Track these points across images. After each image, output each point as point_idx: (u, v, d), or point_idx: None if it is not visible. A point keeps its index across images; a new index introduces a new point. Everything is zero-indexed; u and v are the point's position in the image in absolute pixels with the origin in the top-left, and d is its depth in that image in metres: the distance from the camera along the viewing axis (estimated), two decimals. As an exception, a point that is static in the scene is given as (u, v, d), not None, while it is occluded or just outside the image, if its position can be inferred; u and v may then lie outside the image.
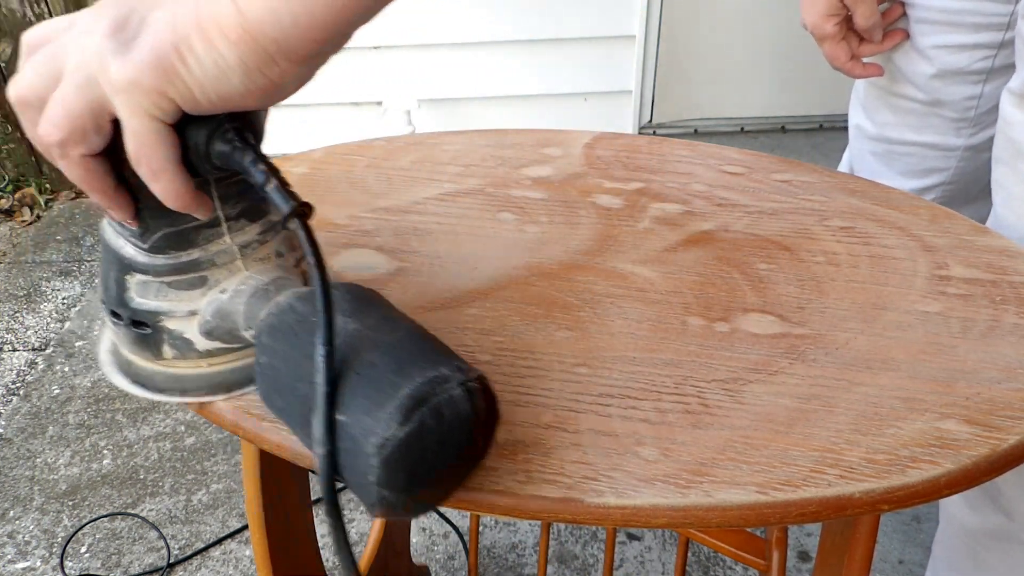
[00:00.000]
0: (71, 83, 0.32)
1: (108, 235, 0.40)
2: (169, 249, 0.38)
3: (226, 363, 0.41)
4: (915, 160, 0.82)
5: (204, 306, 0.39)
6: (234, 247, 0.39)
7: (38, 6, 1.86)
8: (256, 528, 0.57)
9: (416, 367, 0.31)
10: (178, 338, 0.40)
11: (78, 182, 0.34)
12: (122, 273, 0.39)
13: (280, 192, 0.33)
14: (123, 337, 0.41)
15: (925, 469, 0.37)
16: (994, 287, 0.49)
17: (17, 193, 2.05)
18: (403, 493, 0.31)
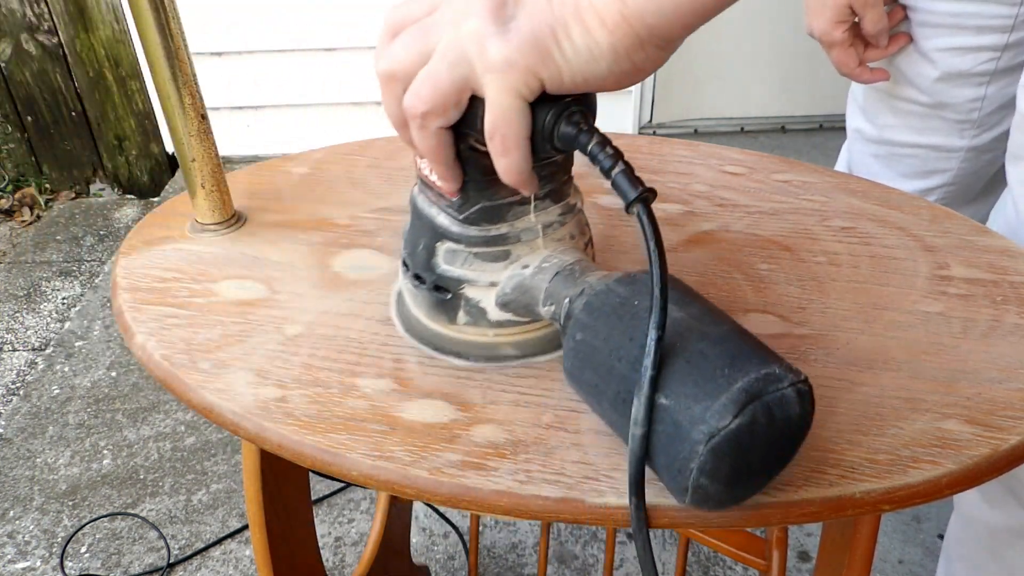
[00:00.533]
0: (443, 60, 0.34)
1: (421, 203, 0.43)
2: (482, 222, 0.41)
3: (510, 336, 0.44)
4: (917, 162, 0.82)
5: (505, 279, 0.42)
6: (538, 226, 0.42)
7: (38, 6, 1.86)
8: (256, 528, 0.57)
9: (749, 362, 0.32)
10: (475, 306, 0.42)
11: (428, 151, 0.37)
12: (433, 240, 0.42)
13: (627, 177, 0.34)
14: (421, 300, 0.44)
15: (926, 469, 0.37)
16: (995, 287, 0.49)
17: (17, 193, 2.05)
18: (722, 485, 0.32)
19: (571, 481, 0.37)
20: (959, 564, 0.83)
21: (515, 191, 0.39)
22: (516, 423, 0.40)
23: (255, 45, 1.90)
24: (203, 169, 0.53)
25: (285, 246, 0.54)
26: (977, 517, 0.76)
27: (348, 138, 0.68)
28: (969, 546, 0.80)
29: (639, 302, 0.34)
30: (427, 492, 0.37)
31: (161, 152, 2.07)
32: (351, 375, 0.43)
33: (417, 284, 0.43)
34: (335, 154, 0.66)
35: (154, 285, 0.50)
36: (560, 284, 0.40)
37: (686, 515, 0.36)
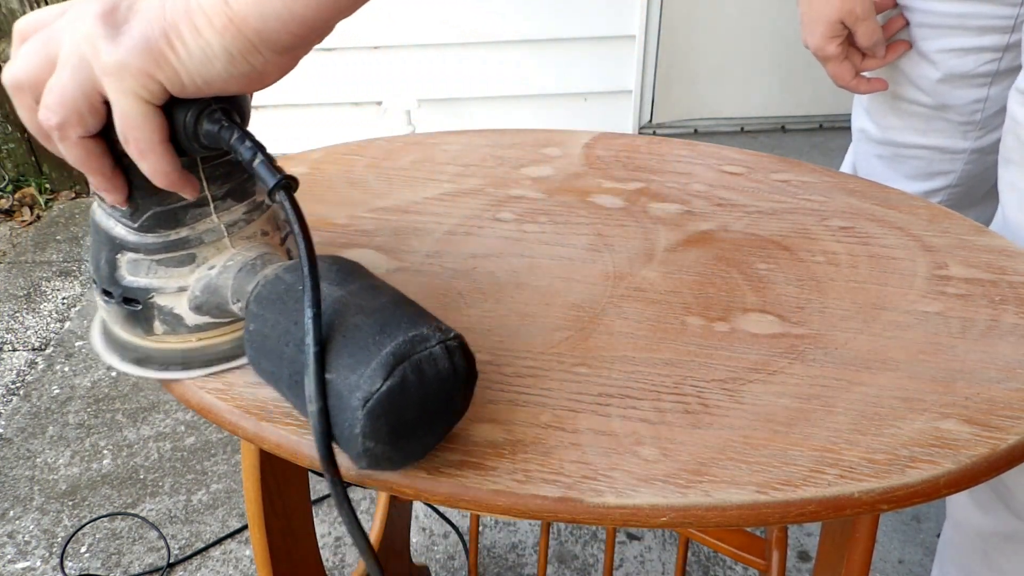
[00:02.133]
0: (65, 67, 0.34)
1: (98, 217, 0.41)
2: (158, 228, 0.40)
3: (215, 337, 0.43)
4: (922, 163, 0.81)
5: (193, 282, 0.41)
6: (221, 226, 0.41)
7: (38, 6, 1.86)
8: (256, 528, 0.57)
9: (398, 327, 0.34)
10: (168, 314, 0.41)
11: (77, 163, 0.36)
12: (113, 252, 0.41)
13: (266, 166, 0.35)
14: (115, 315, 0.43)
15: (924, 469, 0.37)
16: (993, 287, 0.49)
17: (17, 193, 2.05)
18: (386, 444, 0.33)
19: (569, 481, 0.37)
20: (950, 568, 0.84)
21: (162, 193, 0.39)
22: (514, 423, 0.40)
23: (255, 45, 1.90)
24: (202, 169, 0.53)
25: (284, 246, 0.54)
26: (969, 522, 0.77)
27: (347, 138, 0.69)
28: (961, 551, 0.81)
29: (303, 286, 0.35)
30: (426, 492, 0.38)
31: (161, 152, 2.08)
32: (350, 375, 0.43)
33: (107, 300, 0.42)
34: (333, 154, 0.66)
35: (153, 285, 0.50)
36: (243, 279, 0.40)
37: (684, 515, 0.36)
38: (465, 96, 2.00)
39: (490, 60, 1.94)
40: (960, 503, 0.77)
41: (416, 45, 1.91)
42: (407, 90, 1.95)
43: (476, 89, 1.98)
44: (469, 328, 0.47)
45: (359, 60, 1.92)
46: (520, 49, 1.94)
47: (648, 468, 0.37)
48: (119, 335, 0.44)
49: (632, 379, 0.43)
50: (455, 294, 0.49)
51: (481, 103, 2.02)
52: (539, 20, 1.89)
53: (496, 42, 1.91)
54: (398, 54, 1.92)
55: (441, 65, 1.94)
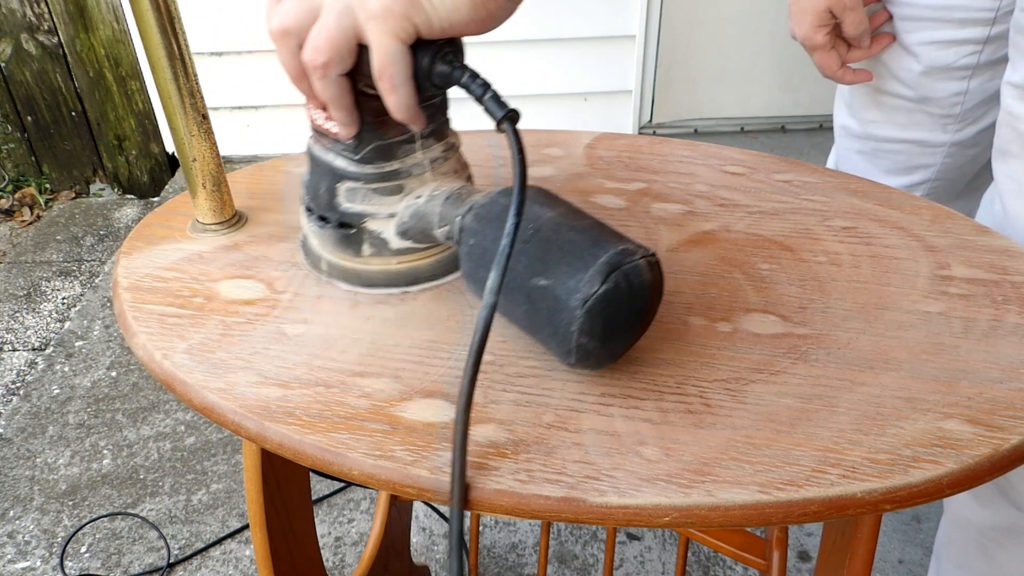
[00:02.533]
0: (331, 14, 0.39)
1: (317, 151, 0.48)
2: (376, 160, 0.46)
3: (413, 261, 0.49)
4: (902, 157, 0.82)
5: (402, 209, 0.47)
6: (425, 161, 0.48)
7: (38, 6, 1.86)
8: (256, 528, 0.57)
9: (607, 242, 0.39)
10: (376, 238, 0.48)
11: (331, 99, 0.42)
12: (333, 182, 0.47)
13: (495, 101, 0.40)
14: (327, 239, 0.49)
15: (927, 469, 0.37)
16: (996, 287, 0.49)
17: (17, 193, 2.05)
18: (597, 341, 0.39)
19: (572, 481, 0.37)
20: (948, 566, 0.84)
21: (403, 131, 0.46)
22: (517, 422, 0.40)
23: (255, 45, 1.90)
24: (204, 169, 0.53)
25: (286, 246, 0.54)
26: (968, 517, 0.77)
27: (349, 138, 0.68)
28: (960, 546, 0.81)
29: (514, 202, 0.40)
30: (428, 491, 0.38)
31: (161, 152, 2.07)
32: (352, 374, 0.43)
33: (322, 224, 0.48)
34: (336, 154, 0.65)
35: (155, 285, 0.50)
36: (450, 206, 0.45)
37: (686, 515, 0.36)
38: (465, 96, 2.00)
39: (490, 60, 1.93)
40: (959, 498, 0.77)
41: (416, 45, 1.90)
42: (407, 90, 1.95)
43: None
44: (471, 328, 0.47)
45: (359, 60, 1.92)
46: (520, 49, 1.94)
47: (651, 468, 0.37)
48: (327, 257, 0.50)
49: (635, 379, 0.43)
50: (457, 293, 0.49)
51: (481, 103, 2.01)
52: (539, 20, 1.89)
53: (496, 42, 1.91)
54: (398, 54, 1.92)
55: (441, 65, 1.94)
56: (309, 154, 0.48)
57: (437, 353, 0.45)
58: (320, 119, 0.46)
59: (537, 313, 0.39)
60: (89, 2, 1.86)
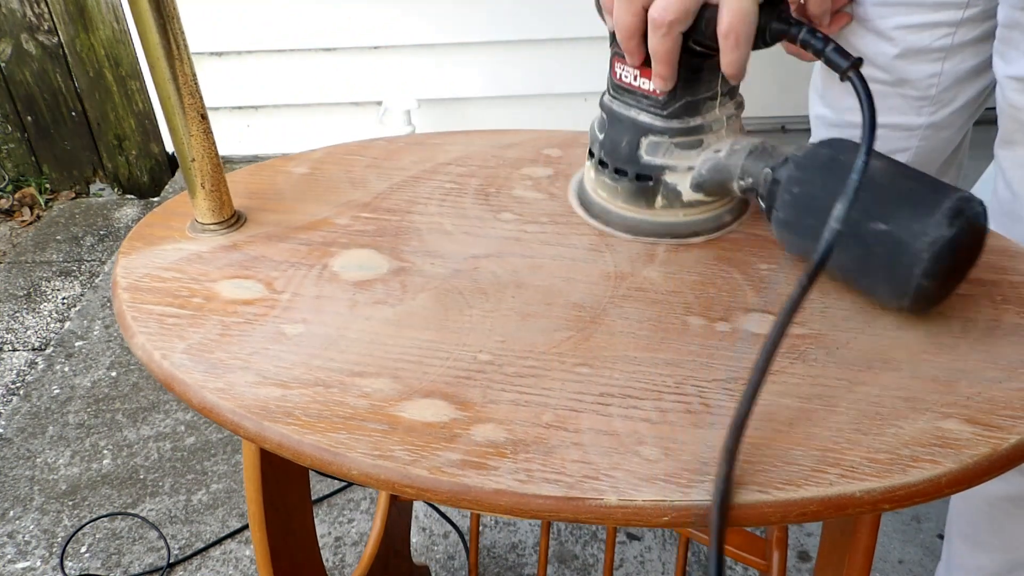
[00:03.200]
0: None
1: (618, 108, 0.52)
2: (683, 115, 0.50)
3: (697, 214, 0.53)
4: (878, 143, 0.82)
5: (700, 163, 0.51)
6: (723, 117, 0.51)
7: (38, 6, 1.86)
8: (256, 528, 0.57)
9: (945, 189, 0.42)
10: (671, 190, 0.51)
11: (665, 55, 0.45)
12: (636, 136, 0.51)
13: (838, 52, 0.43)
14: (621, 191, 0.53)
15: (926, 468, 0.37)
16: (995, 287, 0.49)
17: (17, 193, 2.05)
18: (936, 282, 0.41)
19: (571, 480, 0.37)
20: (959, 541, 0.84)
21: (709, 87, 0.49)
22: (516, 422, 0.40)
23: (255, 45, 1.90)
24: (203, 169, 0.53)
25: (285, 246, 0.54)
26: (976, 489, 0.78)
27: (348, 138, 0.69)
28: (969, 519, 0.81)
29: (844, 158, 0.44)
30: (427, 491, 0.38)
31: (161, 152, 2.08)
32: (351, 374, 0.43)
33: (618, 177, 0.52)
34: (335, 154, 0.66)
35: (154, 285, 0.50)
36: (755, 160, 0.49)
37: (685, 515, 0.36)
38: (465, 96, 2.00)
39: (490, 60, 1.94)
40: None
41: (416, 45, 1.90)
42: (407, 90, 1.95)
43: (476, 89, 1.98)
44: (470, 328, 0.47)
45: (359, 60, 1.92)
46: (520, 49, 1.93)
47: (650, 468, 0.37)
48: (615, 209, 0.53)
49: (634, 379, 0.43)
50: (456, 294, 0.49)
51: (481, 103, 2.02)
52: (539, 20, 1.89)
53: (496, 42, 1.91)
54: (398, 54, 1.92)
55: (441, 65, 1.94)
56: (608, 111, 0.52)
57: (436, 353, 0.45)
58: (630, 76, 0.50)
59: (871, 256, 0.42)
60: (89, 2, 1.86)
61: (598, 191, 0.54)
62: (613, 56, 0.51)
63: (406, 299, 0.49)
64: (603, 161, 0.53)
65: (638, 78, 0.49)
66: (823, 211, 0.41)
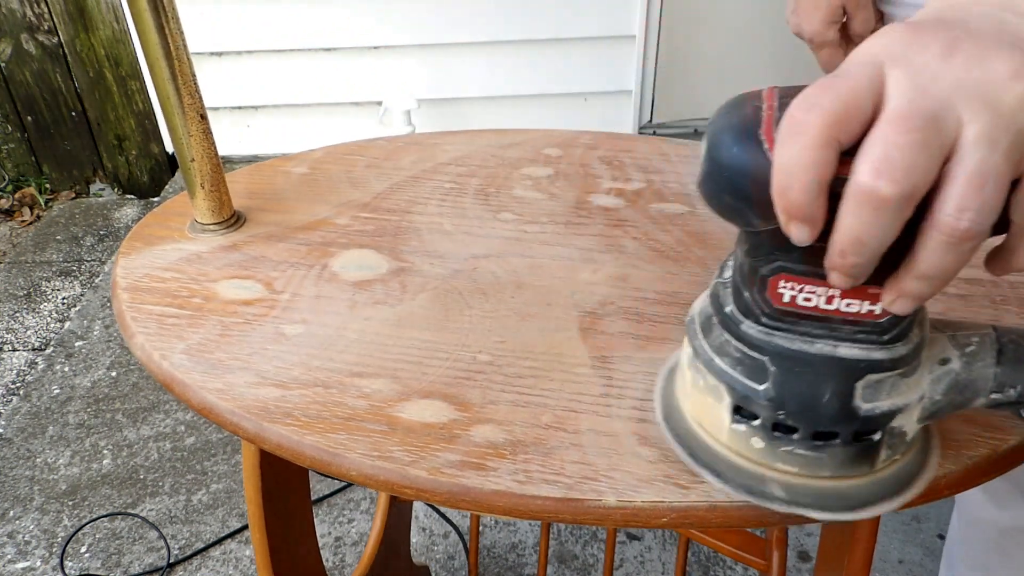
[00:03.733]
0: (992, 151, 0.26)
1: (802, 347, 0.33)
2: (908, 334, 0.33)
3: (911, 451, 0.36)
4: None
5: (928, 386, 0.34)
6: (924, 308, 0.34)
7: (38, 6, 1.86)
8: (256, 528, 0.57)
9: None
10: (897, 435, 0.34)
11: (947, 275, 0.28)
12: (848, 382, 0.32)
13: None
14: (827, 460, 0.34)
15: (926, 469, 0.37)
16: (994, 287, 0.49)
17: (17, 193, 2.05)
18: None
19: (570, 481, 0.37)
20: (964, 567, 0.83)
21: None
22: (515, 423, 0.40)
23: (255, 45, 1.90)
24: (203, 169, 0.53)
25: (284, 246, 0.54)
26: (984, 519, 0.76)
27: (348, 138, 0.68)
28: (976, 548, 0.80)
29: None
30: (426, 492, 0.37)
31: (161, 152, 2.08)
32: (350, 375, 0.43)
33: (823, 444, 0.34)
34: (334, 154, 0.66)
35: (154, 285, 0.50)
36: (1015, 364, 0.34)
37: (685, 516, 0.36)
38: (465, 96, 2.00)
39: (490, 60, 1.94)
40: (975, 500, 0.77)
41: (416, 45, 1.90)
42: (407, 90, 1.95)
43: (476, 89, 1.98)
44: (470, 328, 0.47)
45: (359, 60, 1.92)
46: (520, 49, 1.93)
47: (649, 468, 0.37)
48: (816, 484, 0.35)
49: (633, 379, 0.43)
50: (456, 294, 0.49)
51: (481, 103, 2.02)
52: (539, 20, 1.89)
53: (496, 42, 1.91)
54: (398, 54, 1.92)
55: (441, 65, 1.94)
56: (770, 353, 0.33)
57: (436, 353, 0.45)
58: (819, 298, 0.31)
59: None
60: (89, 2, 1.86)
61: (776, 466, 0.35)
62: (774, 273, 0.32)
63: (406, 299, 0.49)
64: (785, 425, 0.34)
65: (838, 299, 0.31)
66: None
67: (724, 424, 0.35)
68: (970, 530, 0.80)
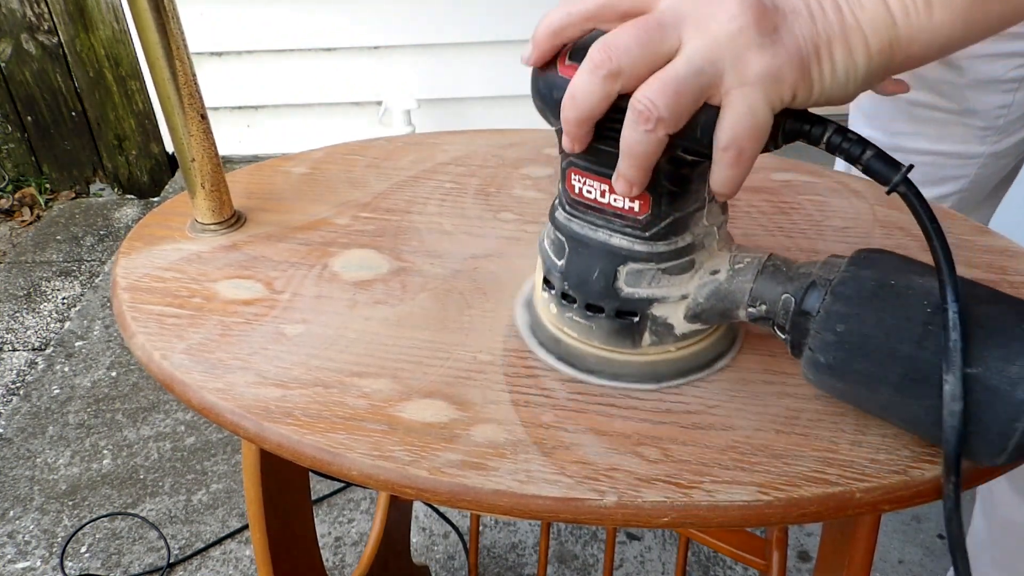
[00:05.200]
0: (689, 65, 0.32)
1: (582, 230, 0.40)
2: (670, 235, 0.39)
3: (691, 347, 0.43)
4: (930, 169, 0.80)
5: (695, 289, 0.40)
6: (713, 228, 0.40)
7: (38, 6, 1.86)
8: (256, 528, 0.57)
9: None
10: (661, 324, 0.41)
11: (642, 158, 0.34)
12: (612, 265, 0.40)
13: (880, 159, 0.34)
14: (596, 331, 0.42)
15: (926, 469, 0.37)
16: (995, 287, 0.49)
17: (17, 193, 2.05)
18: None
19: (571, 481, 0.37)
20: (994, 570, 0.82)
21: (697, 199, 0.39)
22: (516, 423, 0.40)
23: (255, 45, 1.90)
24: (203, 169, 0.53)
25: (284, 246, 0.54)
26: (1017, 521, 0.75)
27: (348, 138, 0.68)
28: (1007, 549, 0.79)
29: (895, 281, 0.35)
30: (427, 492, 0.37)
31: (161, 152, 2.07)
32: (351, 374, 0.43)
33: (591, 315, 0.41)
34: (334, 154, 0.66)
35: (154, 285, 0.50)
36: (768, 282, 0.39)
37: (685, 515, 0.36)
38: (465, 96, 2.00)
39: (490, 60, 1.93)
40: (1006, 502, 0.76)
41: (416, 45, 1.90)
42: (407, 90, 1.95)
43: (476, 89, 1.98)
44: (470, 328, 0.47)
45: (359, 60, 1.92)
46: (520, 49, 1.93)
47: (650, 468, 0.37)
48: (590, 351, 0.43)
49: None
50: (456, 294, 0.49)
51: (481, 103, 2.02)
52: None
53: (496, 42, 1.91)
54: (398, 54, 1.92)
55: (441, 65, 1.94)
56: (567, 233, 0.41)
57: (436, 353, 0.45)
58: (595, 191, 0.39)
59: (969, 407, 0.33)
60: (89, 2, 1.86)
61: (564, 329, 0.43)
62: (568, 167, 0.40)
63: (406, 299, 0.49)
64: (567, 295, 0.42)
65: (607, 194, 0.38)
66: (881, 354, 0.34)
67: (538, 294, 0.45)
68: (1004, 533, 0.80)
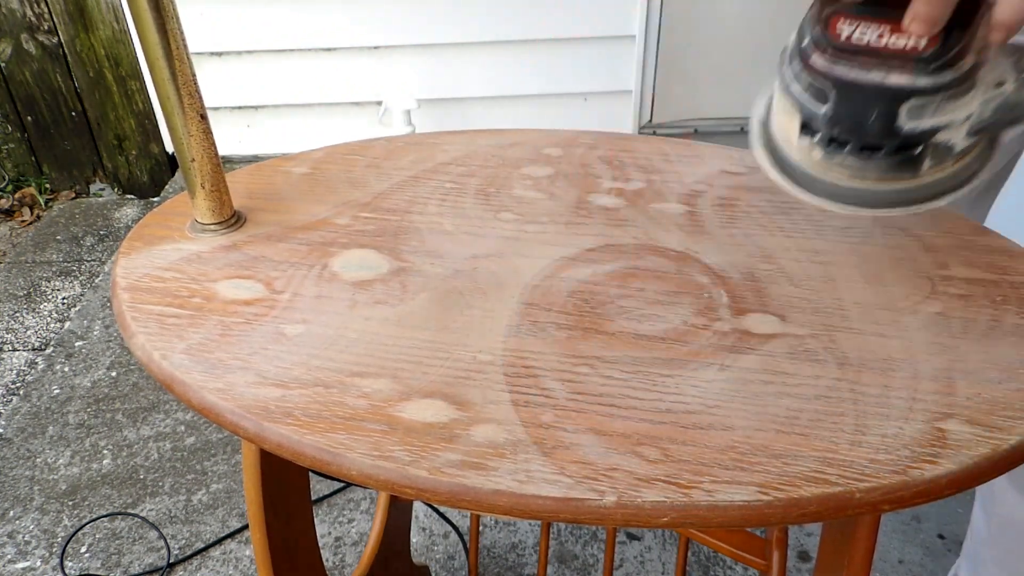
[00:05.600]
0: None
1: (853, 75, 0.41)
2: (956, 61, 0.39)
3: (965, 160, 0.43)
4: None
5: (979, 106, 0.41)
6: (986, 37, 0.40)
7: (38, 6, 1.86)
8: (256, 528, 0.57)
9: None
10: (943, 148, 0.42)
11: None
12: (891, 105, 0.40)
13: None
14: (871, 168, 0.43)
15: (926, 469, 0.37)
16: (995, 287, 0.49)
17: (17, 193, 2.05)
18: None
19: (570, 481, 0.37)
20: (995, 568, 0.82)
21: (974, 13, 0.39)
22: (516, 423, 0.40)
23: (255, 45, 1.90)
24: (203, 169, 0.53)
25: (284, 246, 0.54)
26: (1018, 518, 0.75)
27: (348, 138, 0.69)
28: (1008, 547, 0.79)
29: None
30: (427, 492, 0.37)
31: (161, 152, 2.07)
32: (351, 374, 0.43)
33: (869, 155, 0.42)
34: (334, 154, 0.66)
35: (154, 285, 0.50)
36: None
37: (685, 515, 0.36)
38: (465, 96, 2.00)
39: (490, 60, 1.93)
40: (1008, 501, 0.76)
41: (416, 45, 1.90)
42: (407, 90, 1.95)
43: (476, 89, 1.98)
44: (470, 328, 0.47)
45: (359, 60, 1.92)
46: (520, 49, 1.93)
47: (650, 468, 0.37)
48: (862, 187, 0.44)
49: (634, 379, 0.43)
50: (456, 294, 0.49)
51: (481, 103, 2.02)
52: (540, 20, 1.89)
53: (496, 42, 1.91)
54: (398, 54, 1.92)
55: (441, 65, 1.94)
56: (834, 79, 0.41)
57: (436, 353, 0.45)
58: (871, 35, 0.40)
59: None
60: (89, 2, 1.86)
61: (830, 171, 0.44)
62: (832, 15, 0.40)
63: (406, 299, 0.49)
64: (837, 139, 0.43)
65: (887, 35, 0.39)
66: None
67: (793, 140, 0.45)
68: (1003, 532, 0.80)
